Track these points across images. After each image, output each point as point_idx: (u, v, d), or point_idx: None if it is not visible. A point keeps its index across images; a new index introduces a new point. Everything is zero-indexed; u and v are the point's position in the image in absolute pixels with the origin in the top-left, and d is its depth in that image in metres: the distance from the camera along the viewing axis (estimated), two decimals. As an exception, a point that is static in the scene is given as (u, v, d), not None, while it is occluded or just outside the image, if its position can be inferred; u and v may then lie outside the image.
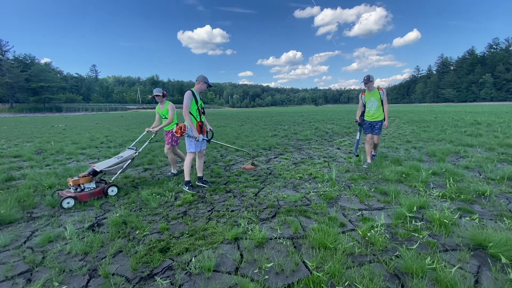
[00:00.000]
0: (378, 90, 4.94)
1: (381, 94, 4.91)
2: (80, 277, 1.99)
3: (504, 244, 2.08)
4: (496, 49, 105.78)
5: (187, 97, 3.85)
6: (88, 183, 3.66)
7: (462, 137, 8.07)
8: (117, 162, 3.97)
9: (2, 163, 6.21)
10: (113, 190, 3.82)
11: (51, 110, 68.15)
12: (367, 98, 5.08)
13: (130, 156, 4.15)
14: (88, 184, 3.65)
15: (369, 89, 5.02)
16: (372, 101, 5.01)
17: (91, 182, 3.70)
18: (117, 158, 4.09)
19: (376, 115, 5.01)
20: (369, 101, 5.05)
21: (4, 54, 68.09)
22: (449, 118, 16.40)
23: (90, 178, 3.70)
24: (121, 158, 4.06)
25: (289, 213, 3.06)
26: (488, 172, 4.34)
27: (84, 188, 3.63)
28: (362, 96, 5.19)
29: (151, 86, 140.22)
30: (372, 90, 5.00)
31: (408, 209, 2.83)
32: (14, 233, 2.71)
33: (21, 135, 12.81)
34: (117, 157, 4.12)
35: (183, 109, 3.87)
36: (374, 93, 4.99)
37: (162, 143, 8.88)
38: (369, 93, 5.04)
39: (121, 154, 4.29)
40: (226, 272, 2.01)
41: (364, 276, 1.85)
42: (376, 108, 4.98)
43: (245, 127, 14.81)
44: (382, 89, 4.94)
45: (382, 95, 4.91)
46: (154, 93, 4.71)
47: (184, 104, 3.84)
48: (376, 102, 4.96)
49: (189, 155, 4.02)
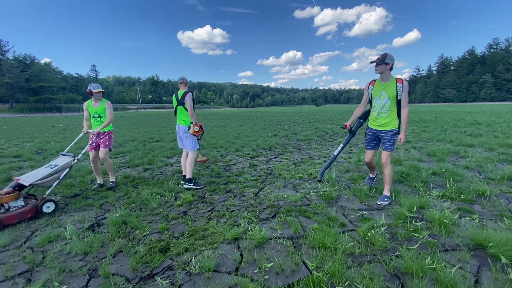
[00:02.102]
0: (396, 81, 3.12)
1: (399, 88, 3.10)
2: (80, 277, 1.99)
3: (504, 244, 2.08)
4: (496, 49, 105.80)
5: (191, 98, 4.11)
6: (14, 201, 2.98)
7: (462, 137, 8.07)
8: (51, 173, 3.30)
9: (2, 163, 6.21)
10: (49, 206, 3.15)
11: (51, 110, 68.14)
12: (376, 92, 3.26)
13: (68, 164, 3.51)
14: (14, 202, 2.97)
15: (381, 77, 3.21)
16: (382, 98, 3.21)
17: (18, 200, 3.01)
18: (50, 167, 3.42)
19: (384, 121, 3.24)
20: (378, 96, 3.24)
21: (4, 54, 68.07)
22: (449, 118, 16.40)
23: (17, 194, 3.01)
24: (56, 167, 3.40)
25: (289, 213, 3.06)
26: (488, 172, 4.34)
27: (9, 207, 2.94)
28: (369, 87, 3.35)
29: (151, 86, 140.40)
30: (387, 81, 3.18)
31: (408, 209, 2.83)
32: (14, 233, 2.71)
33: (21, 135, 12.81)
34: (50, 166, 3.46)
35: (190, 109, 4.07)
36: (389, 86, 3.15)
37: (162, 143, 8.87)
38: (380, 85, 3.23)
39: (54, 162, 3.60)
40: (226, 272, 2.01)
41: (364, 276, 1.85)
42: (387, 109, 3.21)
43: (245, 127, 14.81)
44: (402, 80, 3.11)
45: (400, 91, 3.10)
46: (95, 89, 4.05)
47: (190, 104, 4.08)
48: (388, 101, 3.18)
49: (193, 153, 4.17)
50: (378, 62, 3.09)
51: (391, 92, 3.15)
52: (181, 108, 4.18)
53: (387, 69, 3.10)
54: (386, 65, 3.07)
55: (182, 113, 4.18)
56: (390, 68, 3.11)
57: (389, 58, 3.07)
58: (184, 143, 4.25)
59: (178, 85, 4.29)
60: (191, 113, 4.07)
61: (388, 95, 3.17)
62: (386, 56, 3.07)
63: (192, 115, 4.06)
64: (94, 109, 4.19)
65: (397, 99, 3.15)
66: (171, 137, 10.68)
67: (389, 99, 3.17)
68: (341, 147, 3.67)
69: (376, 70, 3.16)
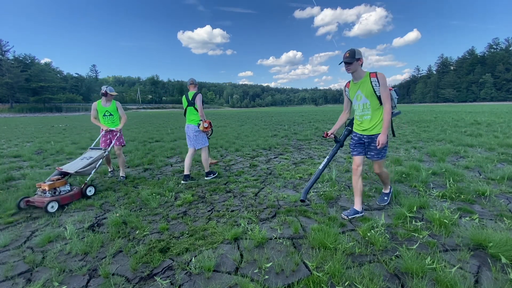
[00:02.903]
0: (370, 76, 2.70)
1: (374, 83, 2.66)
2: (80, 277, 1.99)
3: (504, 244, 2.08)
4: (496, 49, 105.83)
5: (201, 99, 4.40)
6: (64, 186, 3.56)
7: (462, 137, 8.07)
8: (89, 163, 3.95)
9: (2, 163, 6.21)
10: (90, 190, 3.79)
11: (51, 110, 68.15)
12: (352, 94, 2.87)
13: (100, 156, 4.16)
14: (63, 187, 3.54)
15: (354, 76, 2.80)
16: (359, 98, 2.79)
17: (66, 185, 3.60)
18: (86, 159, 4.04)
19: (370, 124, 2.79)
20: (356, 97, 2.84)
21: (4, 54, 68.12)
22: (449, 118, 16.40)
23: (65, 181, 3.61)
24: (91, 158, 4.04)
25: (289, 213, 3.06)
26: (488, 172, 4.34)
27: (60, 191, 3.49)
28: (346, 90, 2.97)
29: (151, 86, 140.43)
30: (360, 79, 2.76)
31: (408, 209, 2.83)
32: (14, 233, 2.71)
33: (21, 135, 12.81)
34: (86, 158, 4.07)
35: (200, 109, 4.36)
36: (363, 83, 2.73)
37: (162, 143, 8.87)
38: (354, 84, 2.83)
39: (88, 154, 4.21)
40: (226, 272, 2.01)
41: (364, 276, 1.85)
42: (368, 110, 2.77)
43: (245, 127, 14.81)
44: (375, 73, 2.69)
45: (376, 86, 2.66)
46: (112, 92, 4.65)
47: (200, 105, 4.37)
48: (367, 100, 2.74)
49: (205, 149, 4.54)
50: (349, 60, 2.66)
51: (367, 90, 2.73)
52: (191, 108, 4.42)
53: (359, 65, 2.72)
54: (357, 61, 2.68)
55: (192, 113, 4.44)
56: (361, 64, 2.73)
57: (358, 53, 2.68)
58: (193, 142, 4.50)
59: (187, 86, 4.52)
60: (201, 113, 4.36)
61: (365, 93, 2.75)
62: (354, 51, 2.66)
63: (202, 114, 4.38)
64: (105, 108, 4.70)
65: (377, 96, 2.70)
66: (171, 137, 10.68)
67: (367, 97, 2.74)
68: (326, 161, 3.12)
69: (348, 70, 2.72)
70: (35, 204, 3.26)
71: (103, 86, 4.70)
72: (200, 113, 4.36)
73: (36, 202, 3.27)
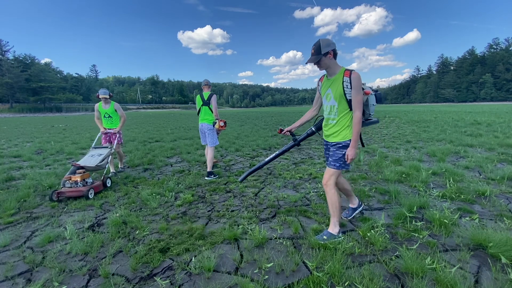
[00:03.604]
0: (343, 74, 2.24)
1: (346, 84, 2.22)
2: (80, 277, 1.99)
3: (504, 244, 2.08)
4: (496, 49, 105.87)
5: (216, 99, 4.67)
6: (88, 178, 3.95)
7: (462, 137, 8.07)
8: (103, 158, 4.29)
9: (2, 163, 6.21)
10: (109, 181, 4.23)
11: (51, 110, 68.19)
12: (324, 91, 2.43)
13: (109, 152, 4.47)
14: (88, 179, 3.92)
15: (328, 72, 2.37)
16: (329, 98, 2.37)
17: (89, 177, 3.99)
18: (98, 155, 4.34)
19: (333, 129, 2.40)
20: (325, 96, 2.42)
21: (4, 54, 68.21)
22: (449, 118, 16.40)
23: (89, 173, 4.01)
24: (102, 155, 4.34)
25: (289, 213, 3.06)
26: (488, 172, 4.34)
27: (87, 182, 3.86)
28: (319, 84, 2.52)
29: (151, 86, 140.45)
30: (333, 75, 2.31)
31: (408, 209, 2.83)
32: (14, 233, 2.71)
33: (21, 135, 12.81)
34: (97, 155, 4.36)
35: (215, 109, 4.64)
36: (335, 81, 2.30)
37: (162, 143, 8.88)
38: (327, 80, 2.39)
39: (96, 152, 4.47)
40: (226, 272, 2.01)
41: (364, 276, 1.85)
42: (335, 114, 2.36)
43: (245, 127, 14.81)
44: (350, 72, 2.21)
45: (347, 87, 2.22)
46: (102, 95, 4.86)
47: (215, 105, 4.65)
48: (335, 103, 2.32)
49: (213, 148, 4.69)
50: (314, 60, 2.23)
51: (337, 90, 2.26)
52: (206, 108, 4.66)
53: (330, 59, 2.23)
54: (326, 55, 2.20)
55: (207, 113, 4.67)
56: (332, 56, 2.23)
57: (326, 45, 2.18)
58: (207, 139, 4.74)
59: (202, 87, 4.81)
60: (215, 112, 4.64)
61: (334, 93, 2.29)
62: (319, 44, 2.20)
63: (217, 114, 4.65)
64: (104, 110, 5.02)
65: (347, 99, 2.24)
66: (171, 137, 10.68)
67: (335, 99, 2.29)
68: (274, 155, 2.82)
69: (320, 68, 2.31)
70: (66, 195, 3.61)
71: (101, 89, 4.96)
72: (214, 113, 4.63)
73: (68, 192, 3.60)
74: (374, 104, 2.47)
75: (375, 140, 8.62)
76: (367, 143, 7.95)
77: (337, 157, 2.35)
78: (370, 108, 2.44)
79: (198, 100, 4.73)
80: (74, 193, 3.60)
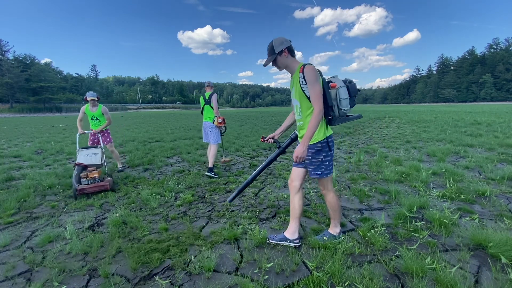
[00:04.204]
0: (299, 71, 2.09)
1: (301, 80, 2.08)
2: (80, 277, 1.99)
3: (504, 244, 2.08)
4: (496, 49, 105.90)
5: (216, 98, 4.84)
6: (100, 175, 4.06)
7: (462, 137, 8.07)
8: (101, 157, 4.38)
9: (2, 163, 6.21)
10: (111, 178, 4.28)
11: (51, 110, 68.21)
12: (291, 91, 2.29)
13: (101, 151, 4.50)
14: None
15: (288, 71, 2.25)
16: (293, 97, 2.27)
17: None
18: (93, 154, 4.38)
19: (302, 131, 2.24)
20: (292, 96, 2.30)
21: (4, 54, 68.24)
22: (449, 118, 16.40)
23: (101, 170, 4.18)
24: (98, 154, 4.40)
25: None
26: (488, 172, 4.34)
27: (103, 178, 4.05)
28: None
29: (151, 86, 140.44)
30: (293, 74, 2.20)
31: (408, 209, 2.83)
32: (14, 233, 2.71)
33: (21, 135, 12.81)
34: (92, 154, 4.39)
35: (216, 107, 4.80)
36: (294, 79, 2.18)
37: (162, 143, 8.87)
38: (291, 80, 2.26)
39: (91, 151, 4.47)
40: (226, 272, 2.01)
41: (364, 276, 1.85)
42: (299, 114, 2.22)
43: (245, 127, 14.81)
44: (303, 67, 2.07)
45: (302, 84, 2.08)
46: (89, 97, 4.90)
47: (216, 104, 4.81)
48: (297, 102, 2.19)
49: (215, 146, 4.83)
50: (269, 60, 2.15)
51: (296, 88, 2.15)
52: (208, 107, 4.87)
53: (286, 57, 2.13)
54: (280, 54, 2.11)
55: (209, 112, 4.87)
56: (288, 54, 2.13)
57: (279, 44, 2.10)
58: (208, 137, 4.91)
59: (204, 88, 5.06)
60: (216, 110, 4.80)
61: (294, 93, 2.19)
62: (272, 44, 2.11)
63: (217, 111, 4.82)
64: (92, 113, 5.02)
65: (307, 96, 2.09)
66: (171, 137, 10.68)
67: (296, 98, 2.17)
68: (261, 167, 2.58)
69: (278, 68, 2.20)
70: (86, 191, 3.71)
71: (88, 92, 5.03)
72: (215, 110, 4.81)
73: (88, 188, 3.72)
74: (346, 97, 2.15)
75: (375, 140, 8.62)
76: (367, 143, 7.95)
77: (315, 165, 2.19)
78: (341, 102, 2.15)
79: (201, 100, 5.01)
80: (96, 189, 3.75)
